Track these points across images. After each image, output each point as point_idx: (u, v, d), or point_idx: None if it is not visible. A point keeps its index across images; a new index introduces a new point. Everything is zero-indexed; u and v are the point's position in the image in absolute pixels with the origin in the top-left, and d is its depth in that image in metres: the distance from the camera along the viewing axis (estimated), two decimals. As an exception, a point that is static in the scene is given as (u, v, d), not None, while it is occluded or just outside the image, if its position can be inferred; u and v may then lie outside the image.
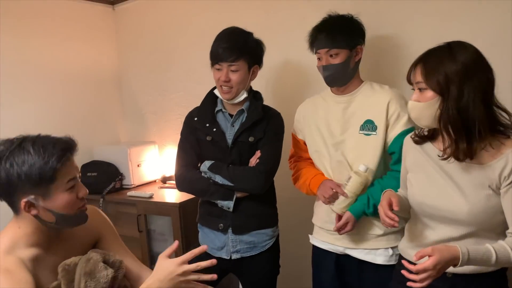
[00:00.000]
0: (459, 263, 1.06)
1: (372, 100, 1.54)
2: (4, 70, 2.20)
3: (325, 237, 1.63)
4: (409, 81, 1.22)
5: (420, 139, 1.27)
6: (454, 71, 1.10)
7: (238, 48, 1.54)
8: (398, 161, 1.45)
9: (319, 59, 1.56)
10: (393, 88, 1.57)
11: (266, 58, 1.68)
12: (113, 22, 2.79)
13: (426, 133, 1.28)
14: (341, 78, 1.55)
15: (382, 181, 1.51)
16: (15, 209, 1.12)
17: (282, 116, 1.69)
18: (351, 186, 1.48)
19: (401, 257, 1.37)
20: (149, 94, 2.74)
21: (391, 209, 1.23)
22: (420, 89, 1.17)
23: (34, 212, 1.09)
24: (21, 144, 1.08)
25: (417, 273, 1.07)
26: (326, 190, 1.54)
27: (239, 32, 1.61)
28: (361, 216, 1.51)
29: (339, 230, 1.52)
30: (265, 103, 1.70)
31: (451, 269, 1.15)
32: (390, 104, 1.50)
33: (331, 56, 1.51)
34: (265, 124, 1.61)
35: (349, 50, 1.51)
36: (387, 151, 1.53)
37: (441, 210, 1.20)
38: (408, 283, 1.08)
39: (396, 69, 1.83)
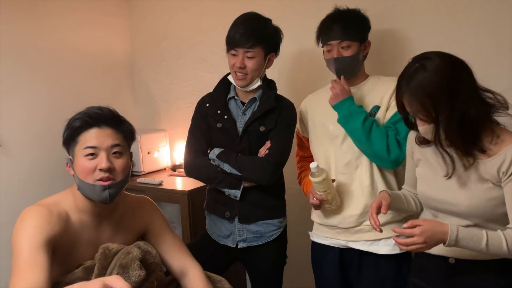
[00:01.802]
0: (447, 240, 1.08)
1: (379, 88, 1.56)
2: (16, 54, 2.20)
3: (327, 232, 1.62)
4: (401, 105, 1.20)
5: (424, 141, 1.27)
6: (438, 91, 1.09)
7: (256, 34, 1.51)
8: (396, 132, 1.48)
9: (328, 51, 1.55)
10: None
11: (280, 48, 1.66)
12: (127, 8, 2.78)
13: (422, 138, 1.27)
14: (351, 70, 1.56)
15: (376, 123, 1.52)
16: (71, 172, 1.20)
17: (295, 107, 1.66)
18: (317, 189, 1.48)
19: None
20: (160, 82, 2.73)
21: (379, 212, 1.24)
22: (417, 118, 1.17)
23: (71, 172, 1.17)
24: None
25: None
26: (311, 200, 1.55)
27: (257, 18, 1.58)
28: (339, 105, 1.51)
29: None
30: (278, 93, 1.67)
31: (453, 253, 1.19)
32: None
33: (342, 48, 1.51)
34: (277, 115, 1.59)
35: (360, 43, 1.52)
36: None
37: (444, 203, 1.21)
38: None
39: (401, 65, 1.81)
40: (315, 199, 1.51)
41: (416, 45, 1.79)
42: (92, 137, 1.15)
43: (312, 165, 1.44)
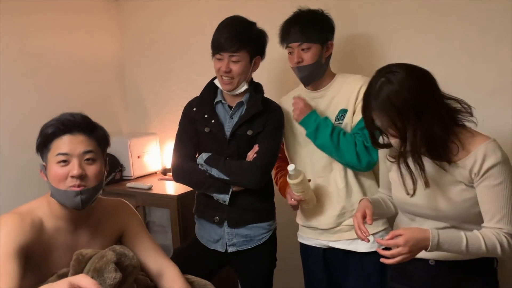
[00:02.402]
0: (430, 245, 1.08)
1: (344, 88, 1.58)
2: (6, 59, 2.19)
3: (309, 233, 1.68)
4: (371, 121, 1.19)
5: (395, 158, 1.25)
6: (405, 105, 1.08)
7: (240, 38, 1.51)
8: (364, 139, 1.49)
9: (290, 53, 1.56)
10: (366, 76, 1.56)
11: (268, 50, 1.66)
12: (116, 12, 2.77)
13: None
14: (315, 76, 1.57)
15: (343, 132, 1.54)
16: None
17: (282, 110, 1.66)
18: (295, 190, 1.51)
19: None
20: (151, 85, 2.72)
21: (365, 222, 1.23)
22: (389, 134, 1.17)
23: (45, 178, 1.16)
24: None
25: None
26: (289, 201, 1.59)
27: (242, 21, 1.57)
28: (305, 121, 1.55)
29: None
30: (266, 96, 1.67)
31: (433, 256, 1.20)
32: (361, 90, 1.50)
33: (303, 50, 1.52)
34: (265, 118, 1.59)
35: (321, 45, 1.53)
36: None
37: (421, 208, 1.22)
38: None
39: (368, 62, 1.85)
40: (293, 200, 1.55)
41: (392, 45, 1.83)
42: (65, 143, 1.14)
43: (290, 167, 1.45)
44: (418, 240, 1.08)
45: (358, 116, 1.52)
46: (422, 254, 1.22)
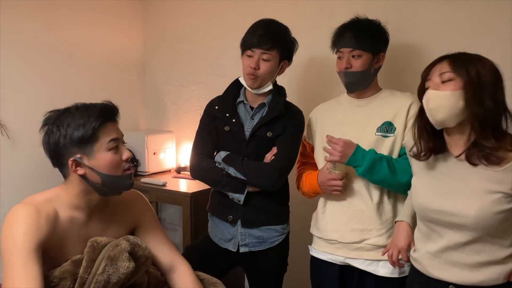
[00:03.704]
0: None
1: (393, 103, 1.52)
2: (29, 50, 2.23)
3: (325, 247, 1.58)
4: (425, 77, 1.19)
5: (427, 154, 1.22)
6: (484, 69, 1.11)
7: (275, 37, 1.53)
8: None
9: (339, 58, 1.53)
10: (415, 95, 1.53)
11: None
12: (142, 11, 2.82)
13: (431, 146, 1.22)
14: (362, 84, 1.54)
15: (395, 159, 1.48)
16: (65, 172, 1.18)
17: (303, 115, 1.66)
18: (338, 169, 1.49)
19: (412, 268, 1.33)
20: (171, 84, 2.75)
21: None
22: (443, 82, 1.14)
23: (81, 171, 1.15)
24: (67, 109, 1.18)
25: None
26: (332, 186, 1.51)
27: (277, 24, 1.59)
28: (353, 160, 1.44)
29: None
30: (287, 100, 1.67)
31: (453, 279, 1.16)
32: (412, 107, 1.47)
33: (353, 56, 1.49)
34: (286, 121, 1.59)
35: (372, 54, 1.49)
36: (399, 152, 1.50)
37: (446, 215, 1.16)
38: None
39: (417, 79, 1.80)
40: (337, 181, 1.48)
41: (430, 59, 1.78)
42: (111, 130, 1.18)
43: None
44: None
45: (410, 133, 1.43)
46: (442, 276, 1.18)
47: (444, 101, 1.12)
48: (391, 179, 1.42)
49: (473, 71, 1.11)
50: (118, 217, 1.28)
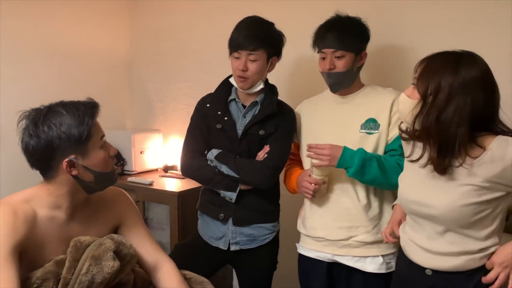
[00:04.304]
0: None
1: (375, 99, 1.54)
2: (16, 46, 2.19)
3: (312, 245, 1.59)
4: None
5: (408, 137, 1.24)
6: (450, 83, 1.08)
7: (259, 37, 1.52)
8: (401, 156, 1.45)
9: (322, 58, 1.53)
10: (397, 90, 1.56)
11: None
12: (129, 8, 2.78)
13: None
14: (345, 84, 1.54)
15: (383, 158, 1.48)
16: (51, 173, 1.13)
17: (295, 114, 1.66)
18: (318, 173, 1.47)
19: (400, 250, 1.35)
20: (158, 82, 2.73)
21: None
22: (413, 85, 1.16)
23: (74, 172, 1.12)
24: (51, 108, 1.13)
25: None
26: (308, 187, 1.50)
27: (261, 21, 1.58)
28: (343, 162, 1.43)
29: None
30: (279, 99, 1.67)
31: (430, 265, 1.19)
32: (395, 103, 1.49)
33: (336, 57, 1.48)
34: (278, 120, 1.59)
35: (355, 54, 1.50)
36: (385, 149, 1.51)
37: (421, 205, 1.19)
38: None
39: (401, 75, 1.82)
40: (313, 184, 1.48)
41: (417, 57, 1.80)
42: (99, 127, 1.18)
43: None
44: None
45: (395, 129, 1.46)
46: (419, 261, 1.22)
47: (406, 106, 1.17)
48: (381, 178, 1.43)
49: (433, 85, 1.09)
50: (100, 215, 1.25)
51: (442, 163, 1.11)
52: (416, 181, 1.23)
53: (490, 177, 1.08)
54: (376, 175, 1.42)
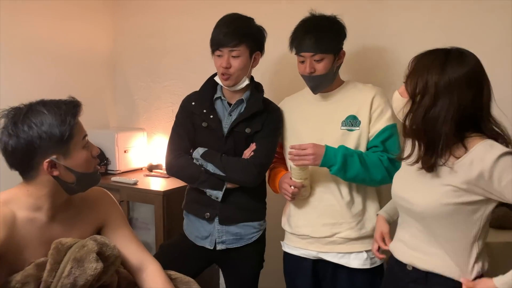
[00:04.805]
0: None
1: (355, 96, 1.55)
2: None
3: (297, 242, 1.60)
4: None
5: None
6: (435, 82, 1.08)
7: (240, 33, 1.52)
8: (383, 152, 1.47)
9: (301, 62, 1.52)
10: (376, 86, 1.57)
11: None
12: (112, 5, 2.74)
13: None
14: (326, 84, 1.55)
15: (365, 154, 1.49)
16: (32, 173, 1.10)
17: (281, 112, 1.66)
18: (298, 176, 1.47)
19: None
20: (142, 80, 2.69)
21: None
22: (404, 83, 1.17)
23: (56, 172, 1.09)
24: (31, 107, 1.09)
25: None
26: (288, 190, 1.51)
27: (240, 17, 1.58)
28: (327, 160, 1.43)
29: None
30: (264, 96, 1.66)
31: (409, 262, 1.21)
32: (375, 99, 1.51)
33: (315, 60, 1.48)
34: (265, 117, 1.59)
35: (334, 55, 1.50)
36: (367, 145, 1.52)
37: (405, 201, 1.21)
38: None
39: (388, 76, 1.83)
40: (293, 187, 1.48)
41: (401, 55, 1.82)
42: (81, 127, 1.15)
43: None
44: None
45: (376, 126, 1.49)
46: (401, 258, 1.24)
47: (398, 104, 1.19)
48: (363, 174, 1.44)
49: (420, 85, 1.09)
50: (82, 216, 1.22)
51: (429, 161, 1.12)
52: (407, 177, 1.24)
53: (468, 180, 1.08)
54: (359, 171, 1.43)
